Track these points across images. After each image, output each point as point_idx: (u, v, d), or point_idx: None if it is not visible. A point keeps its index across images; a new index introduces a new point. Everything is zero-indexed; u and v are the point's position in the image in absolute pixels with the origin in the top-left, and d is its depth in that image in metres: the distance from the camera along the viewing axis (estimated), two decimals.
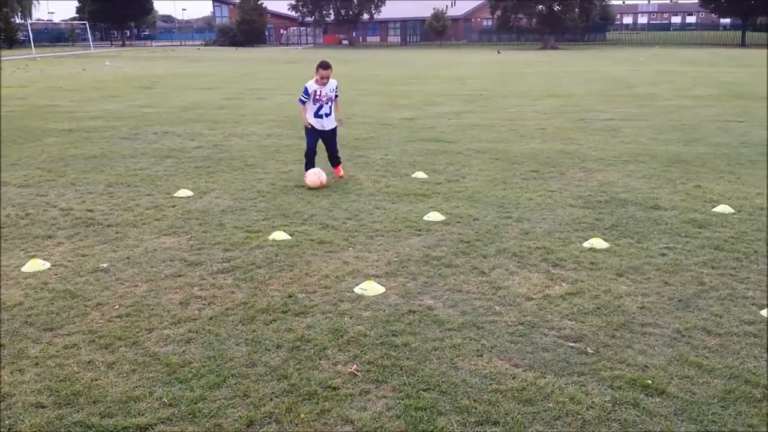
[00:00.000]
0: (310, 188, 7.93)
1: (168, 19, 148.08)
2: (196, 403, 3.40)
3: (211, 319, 4.38)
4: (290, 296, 4.74)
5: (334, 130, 8.47)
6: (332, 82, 8.32)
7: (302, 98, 8.30)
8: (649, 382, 3.57)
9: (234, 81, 25.26)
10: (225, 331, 4.21)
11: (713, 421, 3.24)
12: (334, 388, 3.53)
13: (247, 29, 77.03)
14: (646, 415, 3.30)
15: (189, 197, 7.60)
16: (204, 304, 4.62)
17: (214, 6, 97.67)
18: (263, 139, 11.71)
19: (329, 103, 8.29)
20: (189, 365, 3.78)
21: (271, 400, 3.44)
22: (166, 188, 8.03)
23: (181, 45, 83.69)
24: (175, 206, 7.22)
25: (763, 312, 4.41)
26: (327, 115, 8.31)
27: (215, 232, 6.26)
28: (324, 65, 8.08)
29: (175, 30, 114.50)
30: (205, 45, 79.86)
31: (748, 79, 23.60)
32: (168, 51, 60.83)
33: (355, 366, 3.76)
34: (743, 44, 65.92)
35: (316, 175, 8.02)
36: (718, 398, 3.43)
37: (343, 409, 3.35)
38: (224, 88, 22.20)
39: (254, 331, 4.20)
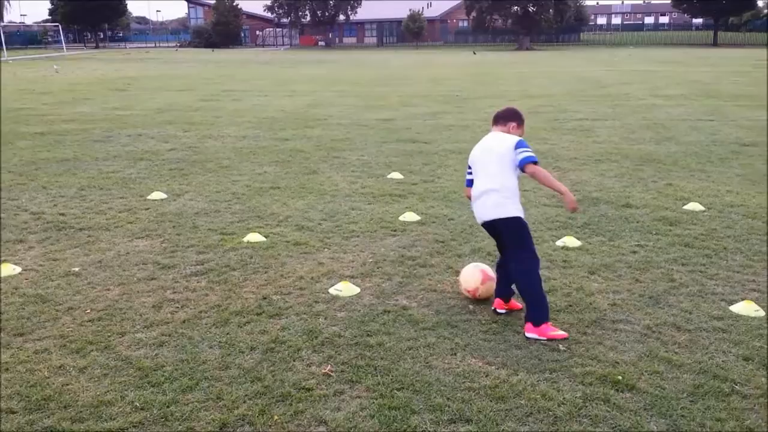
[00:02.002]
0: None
1: (142, 20, 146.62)
2: (168, 407, 3.38)
3: (184, 322, 4.35)
4: (265, 298, 4.73)
5: None
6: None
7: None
8: (620, 377, 3.62)
9: (209, 82, 25.09)
10: (198, 334, 4.18)
11: (682, 416, 3.29)
12: (308, 389, 3.53)
13: (223, 30, 76.55)
14: (617, 410, 3.34)
15: (162, 200, 7.54)
16: (177, 307, 4.59)
17: (188, 7, 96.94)
18: (238, 140, 11.65)
19: None
20: (161, 369, 3.76)
21: (244, 402, 3.43)
22: (139, 191, 7.96)
23: (155, 47, 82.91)
24: (148, 209, 7.16)
25: (732, 308, 4.49)
26: None
27: (189, 235, 6.22)
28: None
29: (149, 31, 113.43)
30: (180, 46, 79.20)
31: (718, 78, 23.98)
32: (142, 53, 60.23)
33: (329, 366, 3.77)
34: (715, 44, 67.00)
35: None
36: (687, 393, 3.49)
37: (317, 410, 3.36)
38: (199, 89, 22.05)
39: (228, 333, 4.18)
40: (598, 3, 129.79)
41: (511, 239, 4.29)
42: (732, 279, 5.03)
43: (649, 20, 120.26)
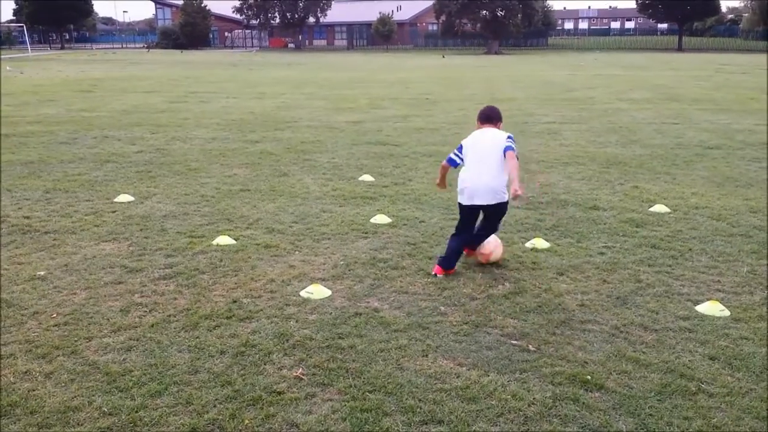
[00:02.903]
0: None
1: (109, 21, 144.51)
2: (137, 412, 3.33)
3: (152, 326, 4.29)
4: (235, 301, 4.69)
5: None
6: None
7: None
8: (589, 377, 3.67)
9: (177, 84, 24.81)
10: (167, 338, 4.13)
11: (650, 415, 3.34)
12: (279, 393, 3.51)
13: (190, 32, 75.76)
14: (586, 409, 3.38)
15: (130, 202, 7.44)
16: (145, 311, 4.52)
17: (156, 8, 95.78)
18: (207, 142, 11.54)
19: None
20: (129, 373, 3.70)
21: (214, 406, 3.39)
22: (105, 193, 7.83)
23: (122, 47, 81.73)
24: (115, 212, 7.05)
25: (698, 308, 4.58)
26: None
27: (157, 238, 6.14)
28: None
29: (115, 32, 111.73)
30: (148, 47, 78.17)
31: (682, 83, 24.47)
32: (109, 54, 59.31)
33: (300, 370, 3.75)
34: (680, 49, 68.37)
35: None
36: (654, 392, 3.55)
37: (288, 414, 3.34)
38: (167, 91, 21.79)
39: (197, 337, 4.14)
40: (565, 8, 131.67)
41: (497, 217, 5.38)
42: (697, 279, 5.13)
43: (615, 25, 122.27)
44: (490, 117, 5.36)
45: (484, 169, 5.12)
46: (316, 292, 4.82)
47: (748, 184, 8.33)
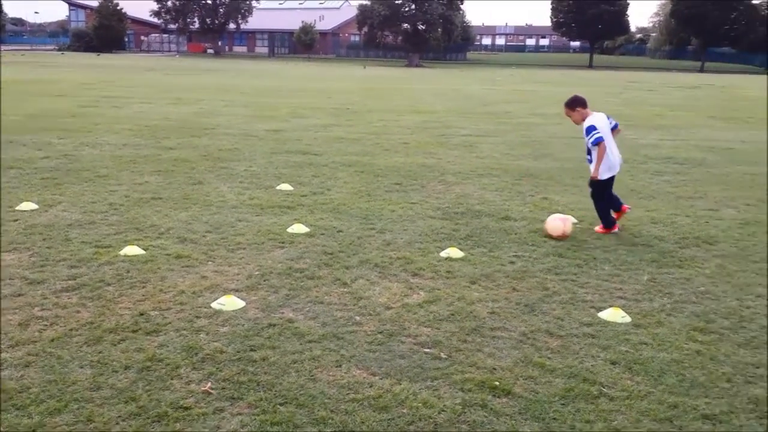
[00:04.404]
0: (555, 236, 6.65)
1: (19, 22, 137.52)
2: (34, 431, 3.16)
3: (52, 340, 4.09)
4: (142, 314, 4.53)
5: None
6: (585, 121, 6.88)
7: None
8: (497, 383, 3.75)
9: (89, 88, 23.88)
10: (68, 353, 3.95)
11: (554, 419, 3.45)
12: (186, 408, 3.41)
13: (104, 34, 73.23)
14: (494, 415, 3.46)
15: (33, 211, 7.08)
16: (45, 325, 4.31)
17: (69, 9, 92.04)
18: (118, 149, 11.15)
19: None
20: (27, 390, 3.52)
21: (117, 423, 3.26)
22: (7, 201, 7.43)
23: (32, 49, 77.97)
24: (17, 220, 6.70)
25: (601, 314, 4.77)
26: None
27: (61, 248, 5.87)
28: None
29: (25, 34, 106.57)
30: (60, 50, 74.90)
31: (593, 99, 25.51)
32: (17, 55, 56.46)
33: (209, 384, 3.66)
34: (591, 66, 71.49)
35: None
36: (559, 396, 3.66)
37: (195, 429, 3.25)
38: (78, 95, 20.93)
39: (100, 352, 3.97)
40: (483, 24, 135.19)
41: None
42: (601, 287, 5.35)
43: (530, 42, 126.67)
44: (585, 102, 6.78)
45: (614, 146, 6.89)
46: (229, 303, 4.73)
47: (651, 196, 8.78)
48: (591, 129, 6.71)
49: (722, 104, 24.97)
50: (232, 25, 77.04)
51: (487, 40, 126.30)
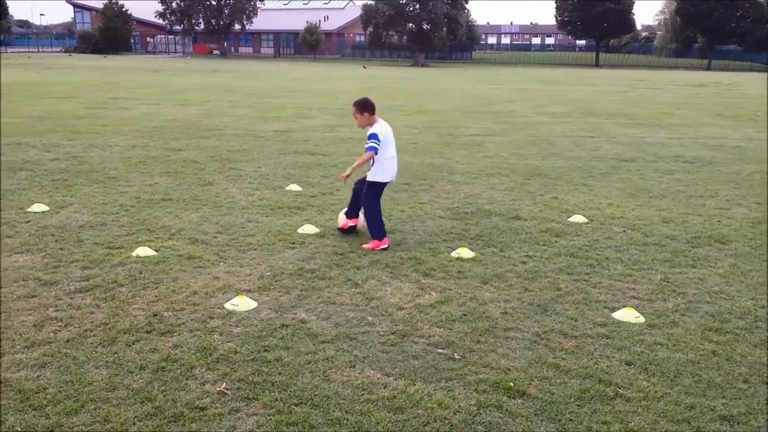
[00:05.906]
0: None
1: (25, 24, 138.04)
2: (52, 431, 3.18)
3: (68, 341, 4.11)
4: (155, 315, 4.54)
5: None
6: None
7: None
8: (511, 384, 3.74)
9: (95, 89, 23.95)
10: (83, 353, 3.96)
11: (570, 420, 3.44)
12: (202, 409, 3.42)
13: (111, 36, 73.36)
14: (509, 416, 3.45)
15: (44, 212, 7.11)
16: (60, 326, 4.32)
17: (74, 12, 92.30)
18: (127, 150, 11.18)
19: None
20: (44, 391, 3.53)
21: (134, 424, 3.27)
22: (18, 203, 7.46)
23: (38, 51, 78.22)
24: (28, 222, 6.72)
25: (614, 314, 4.76)
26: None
27: (73, 249, 5.89)
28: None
29: (32, 36, 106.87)
30: (67, 51, 75.09)
31: (598, 98, 25.49)
32: (24, 58, 56.67)
33: (224, 384, 3.67)
34: (597, 65, 71.28)
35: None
36: (574, 397, 3.65)
37: (211, 430, 3.25)
38: (85, 97, 21.00)
39: (115, 353, 3.98)
40: (488, 23, 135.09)
41: None
42: (614, 287, 5.34)
43: (536, 41, 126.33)
44: (374, 109, 6.36)
45: (395, 159, 6.41)
46: (242, 304, 4.73)
47: (661, 195, 8.75)
48: (373, 136, 6.21)
49: (728, 102, 24.88)
50: (237, 26, 77.08)
51: (492, 40, 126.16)
